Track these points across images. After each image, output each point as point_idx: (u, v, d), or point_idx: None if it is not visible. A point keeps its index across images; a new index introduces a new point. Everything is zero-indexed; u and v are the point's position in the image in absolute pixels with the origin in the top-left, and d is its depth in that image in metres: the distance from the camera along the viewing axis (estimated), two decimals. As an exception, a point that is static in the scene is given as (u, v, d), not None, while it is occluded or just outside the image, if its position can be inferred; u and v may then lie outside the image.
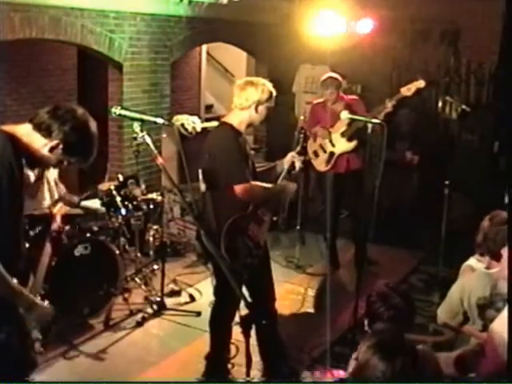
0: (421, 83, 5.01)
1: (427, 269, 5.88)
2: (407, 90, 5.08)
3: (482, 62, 7.34)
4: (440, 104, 7.40)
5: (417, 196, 7.08)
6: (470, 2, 7.26)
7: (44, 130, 2.28)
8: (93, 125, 2.40)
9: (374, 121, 3.79)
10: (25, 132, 2.29)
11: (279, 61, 7.99)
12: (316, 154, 5.72)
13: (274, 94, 3.56)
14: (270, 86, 3.55)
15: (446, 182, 5.27)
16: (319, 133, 5.64)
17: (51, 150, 2.29)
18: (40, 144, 2.29)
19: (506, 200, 4.28)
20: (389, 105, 5.10)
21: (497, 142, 7.07)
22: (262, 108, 3.52)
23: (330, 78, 5.61)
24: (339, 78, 5.61)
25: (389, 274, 5.78)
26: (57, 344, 4.15)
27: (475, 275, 3.24)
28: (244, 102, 3.49)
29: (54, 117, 2.30)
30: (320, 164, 5.71)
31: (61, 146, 2.30)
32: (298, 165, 3.73)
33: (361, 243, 5.48)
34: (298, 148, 3.81)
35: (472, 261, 3.45)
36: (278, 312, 3.83)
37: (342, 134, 5.51)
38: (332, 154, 5.61)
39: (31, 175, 2.38)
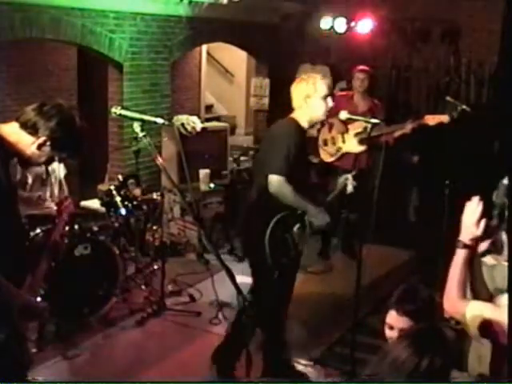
0: (446, 118, 5.05)
1: (427, 269, 5.88)
2: (431, 119, 5.11)
3: (482, 62, 7.34)
4: (440, 104, 7.39)
5: (417, 196, 7.08)
6: (470, 2, 7.26)
7: (30, 128, 2.26)
8: (79, 118, 2.37)
9: (373, 121, 3.78)
10: (11, 131, 2.27)
11: (279, 61, 7.99)
12: (325, 143, 5.78)
13: (323, 83, 3.51)
14: (319, 78, 3.54)
15: (446, 182, 5.26)
16: (335, 125, 5.65)
17: (39, 147, 2.27)
18: (27, 142, 2.27)
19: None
20: (408, 126, 5.15)
21: (497, 141, 7.07)
22: (311, 101, 3.49)
23: (363, 69, 5.71)
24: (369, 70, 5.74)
25: (388, 273, 5.80)
26: (57, 344, 4.15)
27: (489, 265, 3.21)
28: (296, 100, 3.53)
29: (39, 113, 2.27)
30: (325, 154, 5.76)
31: (48, 143, 2.28)
32: (349, 188, 3.70)
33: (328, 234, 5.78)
34: (354, 172, 3.78)
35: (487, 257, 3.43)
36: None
37: (356, 135, 5.53)
38: (339, 149, 5.65)
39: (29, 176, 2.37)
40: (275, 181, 3.34)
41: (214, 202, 6.36)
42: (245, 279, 5.39)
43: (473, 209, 2.52)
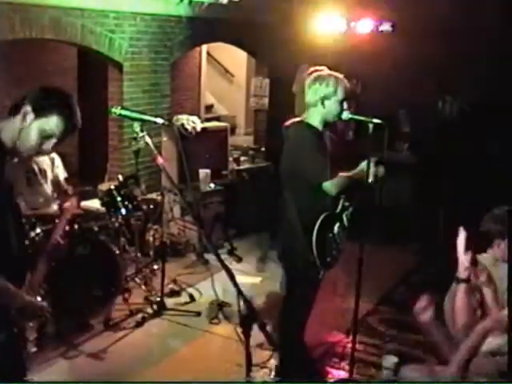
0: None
1: (427, 269, 5.88)
2: None
3: (482, 62, 7.34)
4: (440, 104, 7.40)
5: (416, 196, 7.08)
6: (470, 1, 7.26)
7: (17, 110, 2.23)
8: (70, 97, 2.33)
9: (375, 121, 3.78)
10: (3, 126, 2.25)
11: (279, 61, 7.99)
12: None
13: (343, 86, 3.45)
14: (337, 79, 3.46)
15: (447, 182, 5.27)
16: None
17: (24, 117, 2.23)
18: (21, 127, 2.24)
19: None
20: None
21: (496, 141, 7.07)
22: (329, 103, 3.43)
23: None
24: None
25: (389, 273, 5.80)
26: (57, 344, 4.15)
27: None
28: (311, 99, 3.47)
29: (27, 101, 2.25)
30: None
31: (32, 112, 2.22)
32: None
33: None
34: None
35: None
36: (283, 311, 3.84)
37: None
38: None
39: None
40: (330, 187, 3.36)
41: (214, 201, 6.36)
42: (244, 279, 5.43)
43: (460, 240, 2.55)
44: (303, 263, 3.50)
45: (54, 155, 4.75)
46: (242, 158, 7.25)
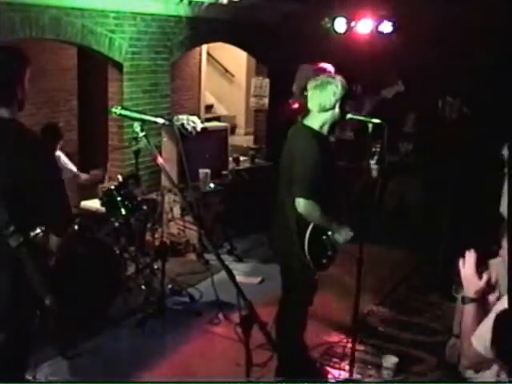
0: (401, 87, 5.07)
1: (427, 269, 5.89)
2: (387, 93, 5.14)
3: (483, 62, 7.34)
4: (440, 104, 7.39)
5: (417, 196, 7.07)
6: (470, 1, 7.25)
7: None
8: None
9: (375, 121, 3.78)
10: None
11: (279, 61, 8.00)
12: None
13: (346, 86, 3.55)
14: (342, 80, 3.53)
15: (447, 182, 5.28)
16: None
17: None
18: None
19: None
20: (367, 106, 5.12)
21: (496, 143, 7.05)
22: (341, 104, 3.51)
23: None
24: None
25: (389, 273, 5.80)
26: (57, 344, 4.15)
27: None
28: (328, 103, 3.47)
29: None
30: None
31: None
32: (374, 173, 3.73)
33: None
34: (376, 157, 3.81)
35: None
36: (281, 312, 3.84)
37: None
38: None
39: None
40: (303, 205, 3.35)
41: (214, 201, 6.36)
42: (244, 279, 5.44)
43: (468, 262, 2.52)
44: (299, 265, 3.50)
45: (60, 153, 4.76)
46: (242, 158, 7.25)
